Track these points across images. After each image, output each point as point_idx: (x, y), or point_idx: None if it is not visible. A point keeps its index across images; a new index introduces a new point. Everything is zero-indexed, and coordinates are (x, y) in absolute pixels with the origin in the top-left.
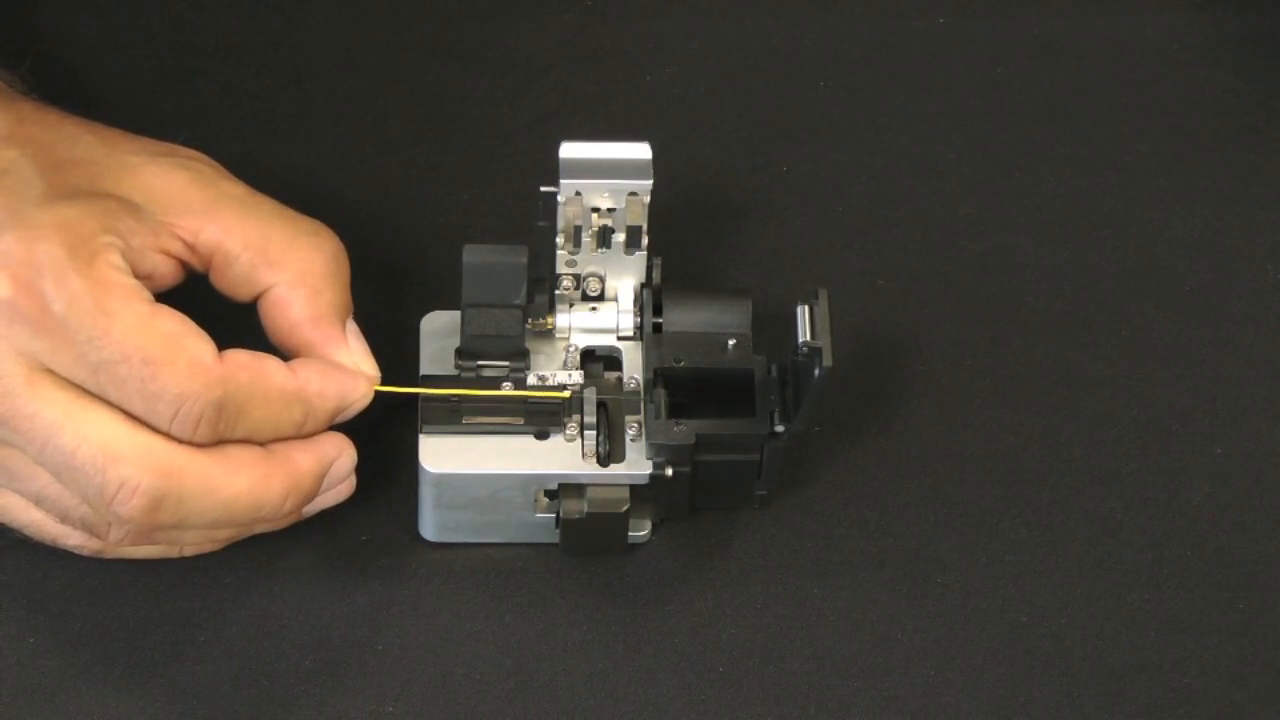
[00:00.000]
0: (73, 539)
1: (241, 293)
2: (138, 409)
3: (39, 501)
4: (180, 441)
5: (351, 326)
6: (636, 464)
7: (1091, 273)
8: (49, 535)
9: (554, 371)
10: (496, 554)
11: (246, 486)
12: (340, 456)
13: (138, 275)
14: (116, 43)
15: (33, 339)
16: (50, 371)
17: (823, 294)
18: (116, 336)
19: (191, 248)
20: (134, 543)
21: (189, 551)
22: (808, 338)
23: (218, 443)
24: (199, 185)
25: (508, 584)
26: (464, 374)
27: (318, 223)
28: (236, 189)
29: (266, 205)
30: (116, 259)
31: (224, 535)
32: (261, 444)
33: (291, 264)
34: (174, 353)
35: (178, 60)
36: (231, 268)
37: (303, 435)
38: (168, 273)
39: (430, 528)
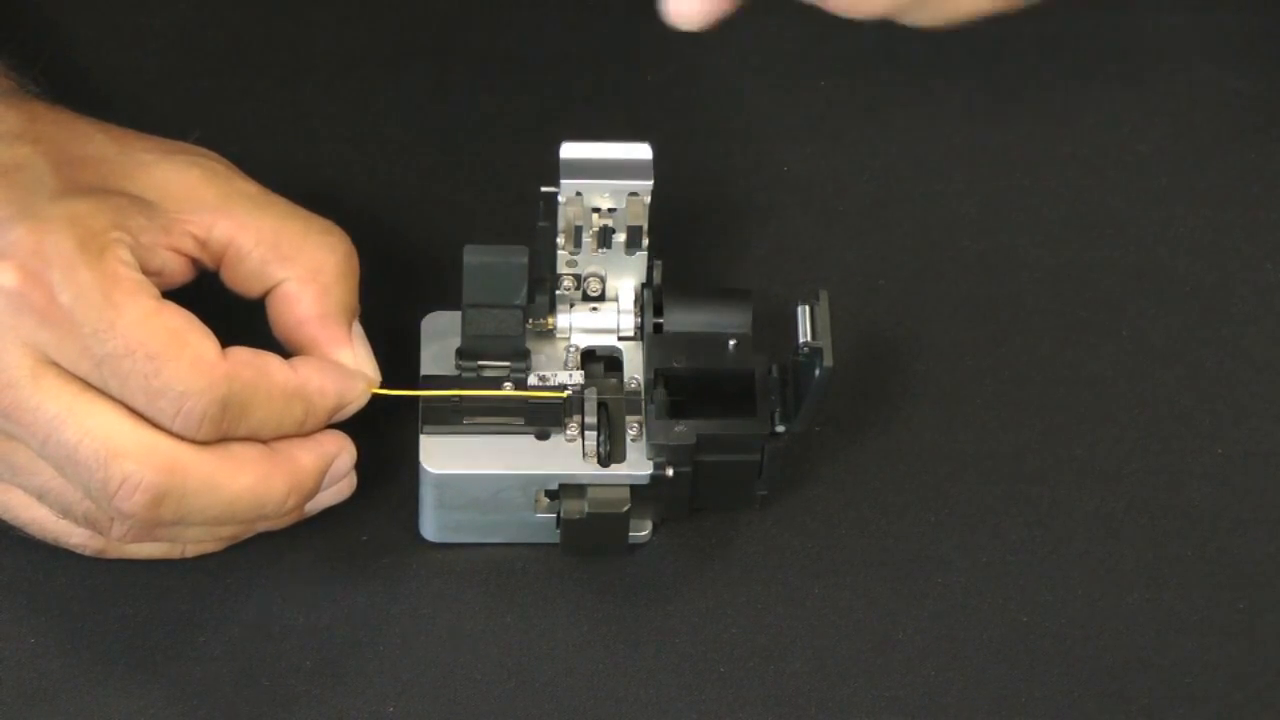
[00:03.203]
0: (74, 537)
1: (251, 288)
2: (141, 404)
3: (41, 496)
4: (183, 438)
5: (357, 328)
6: (637, 464)
7: (1091, 273)
8: (51, 534)
9: (554, 372)
10: (496, 554)
11: (249, 484)
12: (341, 454)
13: (147, 272)
14: (116, 43)
15: (38, 330)
16: (55, 364)
17: (823, 294)
18: (122, 330)
19: (203, 244)
20: (136, 539)
21: (191, 551)
22: (808, 338)
23: (220, 440)
24: (212, 182)
25: (508, 584)
26: (465, 374)
27: (330, 222)
28: (249, 186)
29: (279, 203)
30: (125, 254)
31: (226, 534)
32: (263, 441)
33: (303, 260)
34: (178, 349)
35: (178, 60)
36: (243, 263)
37: (303, 433)
38: (177, 270)
39: (430, 528)
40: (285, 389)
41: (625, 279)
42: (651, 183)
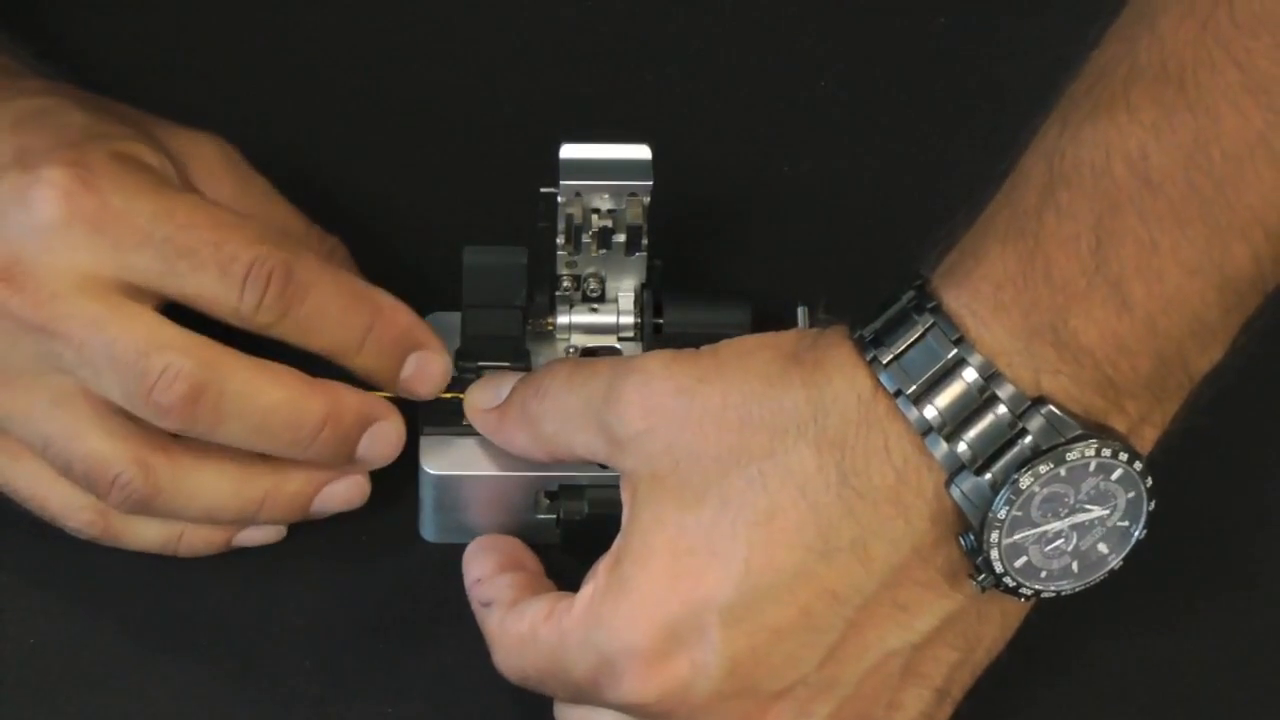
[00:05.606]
0: (74, 519)
1: None
2: (211, 276)
3: (45, 447)
4: (247, 316)
5: None
6: None
7: None
8: (52, 512)
9: None
10: None
11: (286, 396)
12: (388, 418)
13: None
14: (115, 43)
15: (91, 237)
16: (100, 277)
17: (822, 297)
18: (182, 210)
19: None
20: (134, 510)
21: (185, 547)
22: None
23: (281, 318)
24: (230, 168)
25: None
26: (465, 375)
27: (333, 237)
28: (260, 180)
29: (284, 203)
30: (164, 167)
31: (225, 534)
32: (319, 347)
33: None
34: (240, 223)
35: (178, 60)
36: None
37: (363, 356)
38: None
39: (431, 528)
40: (353, 287)
41: (625, 279)
42: (651, 183)
